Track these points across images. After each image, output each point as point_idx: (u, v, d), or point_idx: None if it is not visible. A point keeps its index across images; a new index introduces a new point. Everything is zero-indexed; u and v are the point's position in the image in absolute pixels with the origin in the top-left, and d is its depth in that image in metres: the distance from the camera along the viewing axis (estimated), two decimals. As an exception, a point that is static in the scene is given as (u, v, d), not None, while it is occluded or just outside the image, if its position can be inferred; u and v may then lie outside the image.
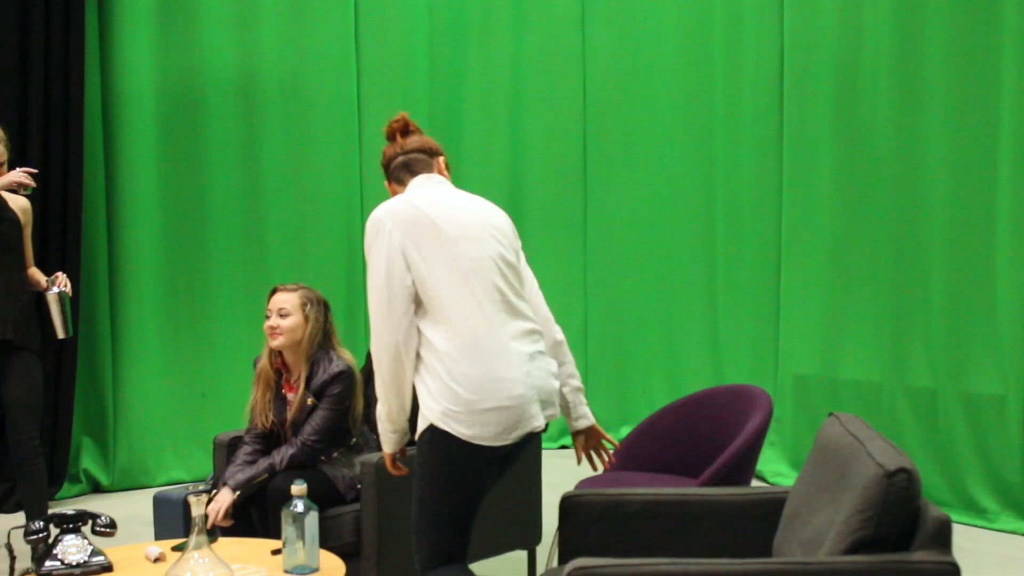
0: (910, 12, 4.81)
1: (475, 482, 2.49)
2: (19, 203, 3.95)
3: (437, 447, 2.46)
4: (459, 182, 5.84)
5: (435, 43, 5.83)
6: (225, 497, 3.31)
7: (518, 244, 2.73)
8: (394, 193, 2.72)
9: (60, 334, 3.92)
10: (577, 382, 2.81)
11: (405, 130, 2.78)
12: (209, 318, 5.54)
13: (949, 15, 4.65)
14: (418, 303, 2.50)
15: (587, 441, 2.83)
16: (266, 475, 3.33)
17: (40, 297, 3.98)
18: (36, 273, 4.02)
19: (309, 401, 3.43)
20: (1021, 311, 4.47)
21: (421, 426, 2.50)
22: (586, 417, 2.81)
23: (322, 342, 3.47)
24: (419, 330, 2.49)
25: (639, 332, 5.81)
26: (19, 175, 3.82)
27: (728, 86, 5.59)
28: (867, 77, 5.02)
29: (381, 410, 2.58)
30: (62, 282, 3.91)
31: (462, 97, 5.85)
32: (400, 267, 2.47)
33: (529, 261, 2.78)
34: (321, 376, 3.42)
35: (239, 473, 3.38)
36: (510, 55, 5.81)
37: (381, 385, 2.53)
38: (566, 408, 2.79)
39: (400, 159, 2.72)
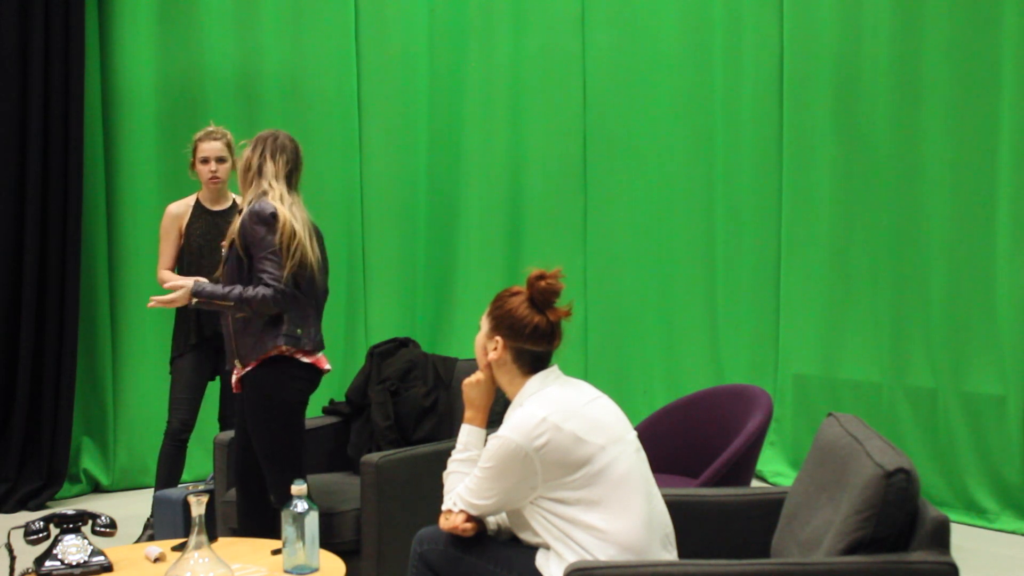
0: (910, 12, 4.81)
1: None
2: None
3: None
4: (460, 182, 5.90)
5: (435, 43, 5.82)
6: (184, 288, 3.26)
7: None
8: None
9: None
10: None
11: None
12: (209, 318, 5.53)
13: (949, 15, 4.65)
14: None
15: None
16: (232, 304, 3.20)
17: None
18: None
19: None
20: (1021, 311, 4.47)
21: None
22: None
23: None
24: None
25: (639, 332, 5.79)
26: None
27: (728, 86, 5.58)
28: (867, 77, 5.02)
29: None
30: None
31: (462, 97, 5.84)
32: None
33: (529, 261, 2.77)
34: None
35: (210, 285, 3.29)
36: (510, 55, 5.80)
37: None
38: None
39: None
